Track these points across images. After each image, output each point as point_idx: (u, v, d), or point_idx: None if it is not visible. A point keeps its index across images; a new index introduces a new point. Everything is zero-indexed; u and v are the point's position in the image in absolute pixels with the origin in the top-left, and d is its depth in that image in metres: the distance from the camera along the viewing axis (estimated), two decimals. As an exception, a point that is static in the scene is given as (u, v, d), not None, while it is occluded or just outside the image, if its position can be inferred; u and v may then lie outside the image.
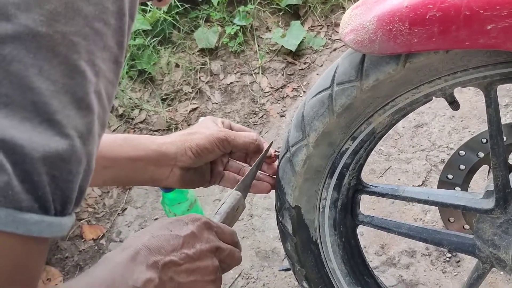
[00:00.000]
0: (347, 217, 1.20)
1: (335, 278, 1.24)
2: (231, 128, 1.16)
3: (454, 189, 1.31)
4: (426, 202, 1.14)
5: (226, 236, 0.97)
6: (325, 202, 1.15)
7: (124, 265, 0.80)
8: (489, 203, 1.06)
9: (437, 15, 0.81)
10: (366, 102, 1.00)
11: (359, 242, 1.25)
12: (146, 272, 0.80)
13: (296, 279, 1.27)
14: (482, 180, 1.71)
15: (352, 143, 1.07)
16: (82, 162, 0.54)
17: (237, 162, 1.20)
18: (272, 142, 1.17)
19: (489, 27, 0.79)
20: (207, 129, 1.11)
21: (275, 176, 1.16)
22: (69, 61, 0.51)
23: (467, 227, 1.32)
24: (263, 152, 1.16)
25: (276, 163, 1.17)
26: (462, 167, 1.29)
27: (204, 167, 1.14)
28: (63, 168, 0.52)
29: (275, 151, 1.18)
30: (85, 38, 0.52)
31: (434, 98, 1.01)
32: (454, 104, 1.04)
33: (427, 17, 0.81)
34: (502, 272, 1.64)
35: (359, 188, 1.17)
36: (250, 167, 1.14)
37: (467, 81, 0.96)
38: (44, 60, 0.49)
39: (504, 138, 1.20)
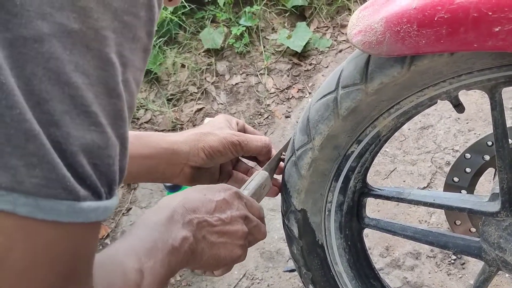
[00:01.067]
0: (353, 220, 1.20)
1: (341, 282, 1.24)
2: (244, 130, 1.17)
3: (460, 192, 1.31)
4: (431, 205, 1.14)
5: (254, 209, 1.00)
6: (331, 205, 1.15)
7: (162, 224, 0.84)
8: (495, 206, 1.05)
9: (446, 16, 0.81)
10: (371, 105, 1.00)
11: (365, 245, 1.25)
12: (182, 230, 0.84)
13: (303, 282, 1.27)
14: (489, 183, 1.71)
15: (358, 146, 1.07)
16: (117, 146, 0.57)
17: (246, 162, 1.20)
18: (291, 138, 1.16)
19: (497, 29, 0.79)
20: (220, 130, 1.11)
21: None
22: (101, 54, 0.53)
23: (473, 230, 1.31)
24: (289, 140, 1.17)
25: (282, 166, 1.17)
26: (468, 170, 1.29)
27: (214, 167, 1.14)
28: (101, 155, 0.55)
29: (282, 153, 1.18)
30: (114, 31, 0.54)
31: (439, 101, 1.01)
32: (459, 107, 1.04)
33: (435, 19, 0.81)
34: (507, 275, 1.64)
35: (365, 191, 1.17)
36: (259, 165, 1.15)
37: (472, 83, 0.96)
38: (79, 55, 0.51)
39: (510, 140, 1.20)
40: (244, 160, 1.20)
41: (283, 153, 1.18)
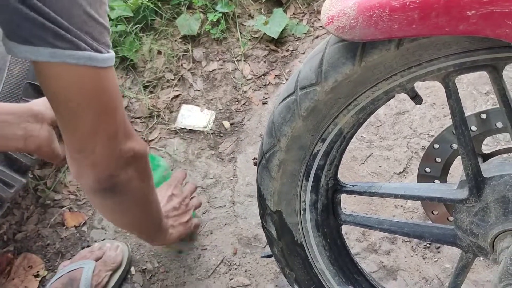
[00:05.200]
0: (330, 218, 1.21)
1: (324, 279, 1.25)
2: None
3: (434, 182, 1.32)
4: (402, 196, 1.16)
5: None
6: (305, 204, 1.17)
7: None
8: (463, 193, 1.07)
9: (417, 1, 0.81)
10: (329, 104, 1.02)
11: (345, 241, 1.27)
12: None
13: (288, 282, 1.30)
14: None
15: (322, 144, 1.09)
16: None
17: None
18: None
19: (469, 13, 0.79)
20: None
21: None
22: None
23: (451, 218, 1.33)
24: None
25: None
26: (438, 159, 1.31)
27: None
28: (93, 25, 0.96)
29: (254, 158, 1.21)
30: None
31: (396, 94, 1.03)
32: (416, 98, 1.07)
33: (407, 3, 0.82)
34: (482, 259, 1.66)
35: (337, 188, 1.19)
36: None
37: (423, 75, 0.98)
38: None
39: (474, 128, 1.22)
40: None
41: (255, 158, 1.20)
